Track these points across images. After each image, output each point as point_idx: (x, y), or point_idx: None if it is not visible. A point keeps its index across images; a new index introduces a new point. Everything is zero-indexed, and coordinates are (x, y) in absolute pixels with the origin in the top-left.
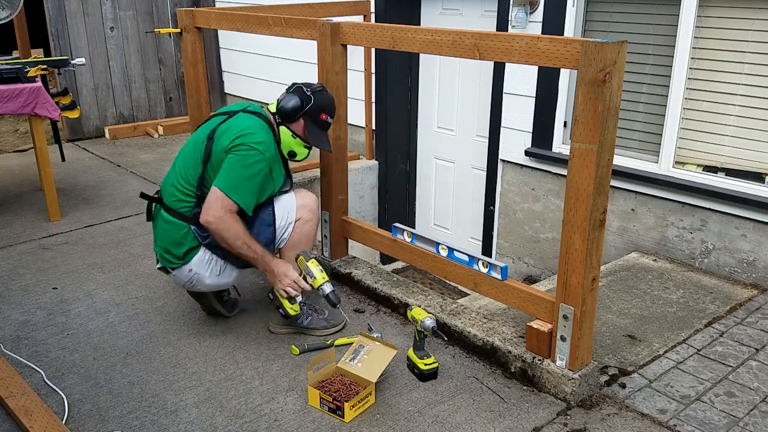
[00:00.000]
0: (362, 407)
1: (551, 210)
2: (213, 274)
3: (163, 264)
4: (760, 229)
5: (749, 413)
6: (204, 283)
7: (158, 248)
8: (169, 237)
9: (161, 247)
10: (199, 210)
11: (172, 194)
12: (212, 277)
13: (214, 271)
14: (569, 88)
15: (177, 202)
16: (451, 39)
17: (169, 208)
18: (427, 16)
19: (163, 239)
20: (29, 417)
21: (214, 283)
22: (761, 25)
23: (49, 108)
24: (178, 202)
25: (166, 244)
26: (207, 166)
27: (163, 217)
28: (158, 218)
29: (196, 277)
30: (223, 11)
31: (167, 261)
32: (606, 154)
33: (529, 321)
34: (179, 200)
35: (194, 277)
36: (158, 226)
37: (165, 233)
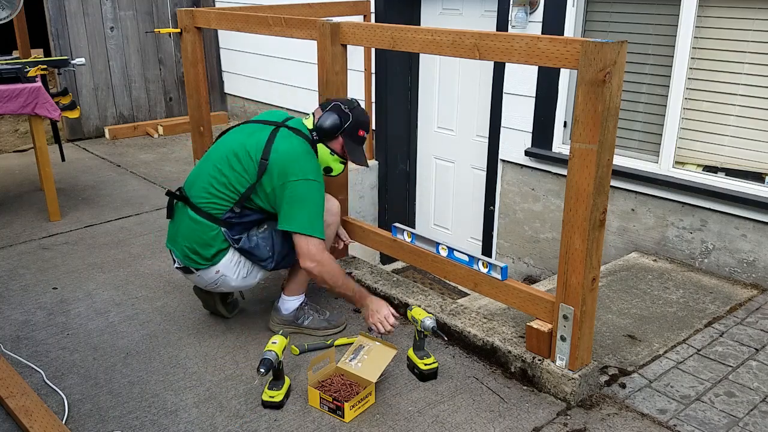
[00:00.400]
0: (362, 407)
1: (551, 210)
2: (240, 276)
3: (187, 264)
4: (760, 229)
5: (749, 413)
6: (229, 285)
7: (181, 248)
8: (197, 237)
9: (186, 247)
10: (233, 215)
11: (204, 195)
12: (238, 279)
13: (241, 273)
14: (569, 88)
15: (209, 204)
16: (451, 39)
17: (198, 208)
18: (427, 16)
19: (189, 239)
20: (29, 417)
21: (239, 285)
22: (761, 25)
23: (49, 108)
24: (210, 204)
25: (193, 244)
26: (262, 180)
27: (191, 216)
28: (183, 217)
29: (223, 279)
30: (223, 11)
31: (192, 261)
32: (606, 154)
33: (529, 321)
34: (212, 202)
35: (220, 279)
36: (183, 224)
37: (192, 233)
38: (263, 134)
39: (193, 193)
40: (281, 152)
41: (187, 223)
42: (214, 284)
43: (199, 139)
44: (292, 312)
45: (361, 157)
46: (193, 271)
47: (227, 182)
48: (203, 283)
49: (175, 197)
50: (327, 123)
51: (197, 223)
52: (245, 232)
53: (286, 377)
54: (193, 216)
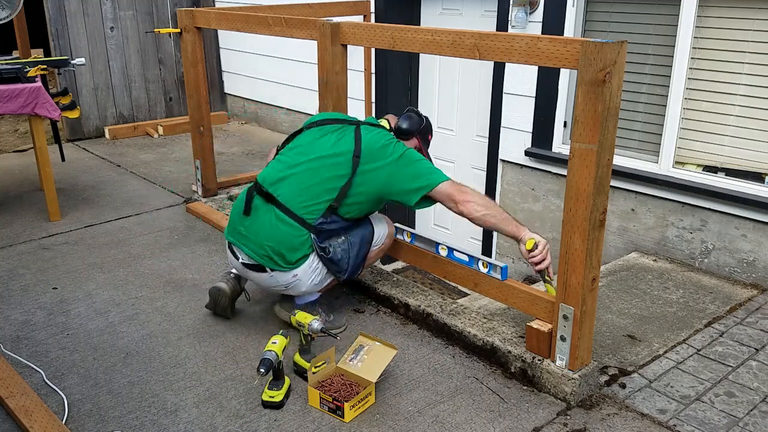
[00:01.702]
0: (362, 407)
1: (551, 210)
2: (312, 283)
3: (265, 263)
4: (760, 229)
5: (749, 413)
6: (300, 289)
7: (263, 246)
8: (286, 240)
9: (270, 247)
10: (325, 220)
11: (298, 199)
12: (310, 285)
13: (314, 280)
14: (569, 88)
15: (304, 207)
16: (451, 39)
17: (289, 210)
18: (427, 16)
19: (276, 240)
20: (29, 417)
21: (308, 290)
22: (761, 25)
23: (49, 108)
24: (306, 208)
25: (280, 246)
26: (354, 179)
27: (279, 217)
28: (268, 216)
29: (296, 283)
30: (223, 11)
31: (272, 262)
32: (606, 154)
33: (529, 321)
34: (306, 206)
35: (293, 283)
36: (267, 224)
37: (281, 235)
38: (349, 133)
39: (282, 193)
40: (371, 137)
41: (275, 223)
42: (284, 287)
43: (199, 139)
44: (304, 304)
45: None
46: (266, 271)
47: (323, 182)
48: (270, 284)
49: (260, 193)
50: (407, 123)
51: (289, 226)
52: (328, 241)
53: (286, 377)
54: (282, 217)
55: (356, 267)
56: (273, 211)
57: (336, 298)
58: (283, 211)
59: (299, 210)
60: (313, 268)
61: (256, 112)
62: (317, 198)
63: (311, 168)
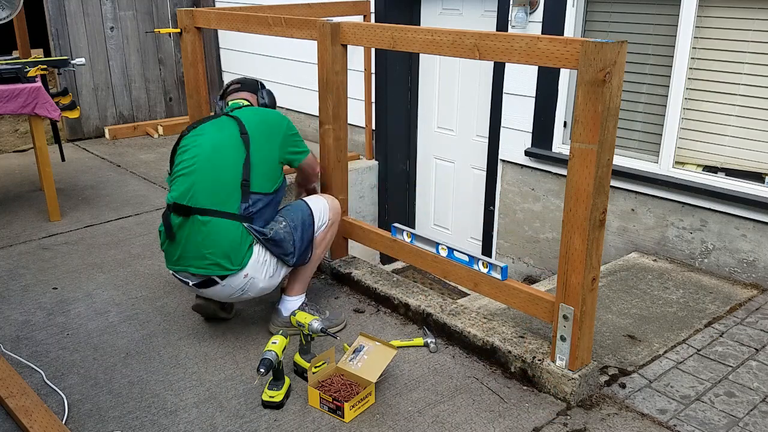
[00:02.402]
0: (362, 407)
1: (551, 210)
2: (267, 276)
3: (214, 273)
4: (760, 229)
5: (749, 413)
6: (257, 287)
7: (204, 258)
8: (221, 240)
9: (210, 254)
10: (247, 203)
11: (212, 198)
12: (266, 280)
13: (267, 272)
14: (569, 88)
15: (222, 202)
16: (451, 39)
17: (211, 210)
18: (427, 16)
19: (213, 245)
20: (29, 417)
21: (266, 286)
22: (761, 25)
23: (49, 108)
24: (223, 202)
25: (220, 249)
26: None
27: (205, 222)
28: (196, 229)
29: (251, 282)
30: (223, 11)
31: (221, 268)
32: (606, 154)
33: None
34: (222, 200)
35: (249, 283)
36: (199, 236)
37: (215, 237)
38: (225, 120)
39: (195, 198)
40: (250, 114)
41: (203, 230)
42: (241, 291)
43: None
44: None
45: None
46: (218, 282)
47: (226, 168)
48: (227, 293)
49: (176, 212)
50: (271, 98)
51: (217, 225)
52: (267, 227)
53: (286, 377)
54: (207, 220)
55: (303, 250)
56: (196, 221)
57: (336, 298)
58: (205, 214)
59: (219, 205)
60: (262, 261)
61: None
62: (228, 186)
63: (210, 162)
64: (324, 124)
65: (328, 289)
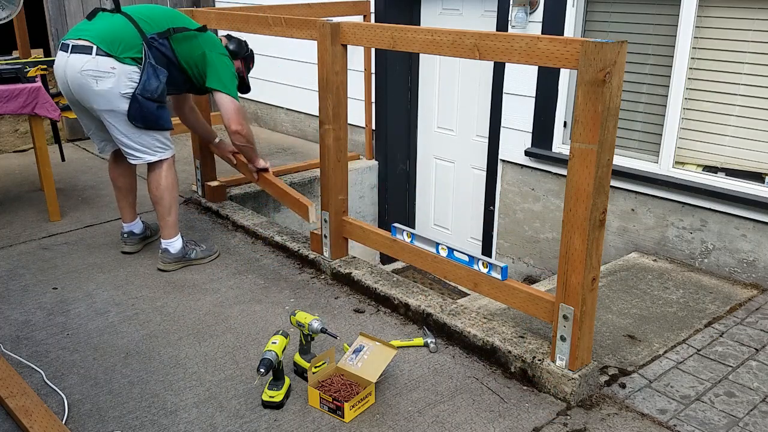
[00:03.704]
0: (362, 407)
1: (551, 210)
2: (118, 89)
3: (97, 43)
4: (760, 229)
5: (749, 413)
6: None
7: (101, 34)
8: (123, 36)
9: (109, 35)
10: (158, 39)
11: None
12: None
13: (122, 87)
14: (569, 88)
15: (145, 22)
16: (451, 39)
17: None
18: (427, 16)
19: (115, 33)
20: (29, 417)
21: (109, 95)
22: (761, 25)
23: (49, 108)
24: (147, 23)
25: (117, 38)
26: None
27: (122, 21)
28: (115, 19)
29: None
30: (223, 11)
31: (105, 45)
32: (606, 154)
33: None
34: (149, 22)
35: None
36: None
37: (120, 31)
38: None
39: (131, 10)
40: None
41: (118, 23)
42: (95, 77)
43: (199, 139)
44: (180, 250)
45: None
46: (91, 53)
47: (166, 14)
48: (86, 68)
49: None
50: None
51: (129, 29)
52: (155, 66)
53: (286, 377)
54: (124, 21)
55: (145, 114)
56: (119, 17)
57: (336, 298)
58: (128, 19)
59: (140, 22)
60: (130, 75)
61: (256, 112)
62: (158, 20)
63: (159, 7)
64: (324, 124)
65: (328, 289)
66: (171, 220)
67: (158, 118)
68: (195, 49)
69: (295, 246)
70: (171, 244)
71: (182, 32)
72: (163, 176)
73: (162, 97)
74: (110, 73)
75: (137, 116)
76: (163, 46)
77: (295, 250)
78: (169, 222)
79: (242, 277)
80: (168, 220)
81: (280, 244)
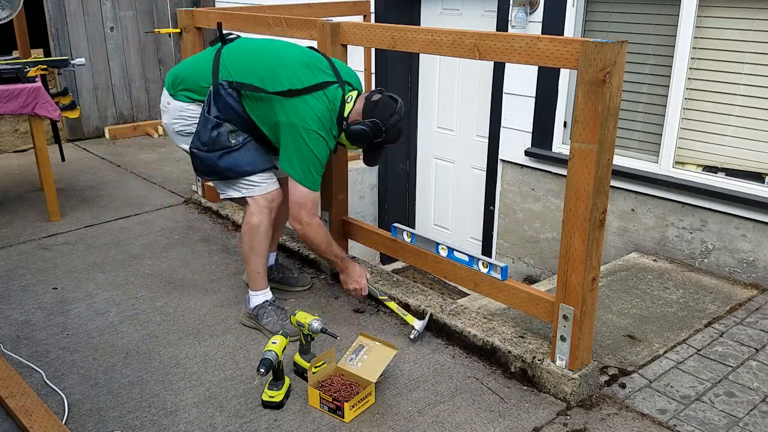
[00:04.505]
0: (362, 407)
1: (551, 210)
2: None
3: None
4: (760, 229)
5: (749, 413)
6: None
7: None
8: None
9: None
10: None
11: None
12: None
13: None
14: (569, 88)
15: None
16: (451, 39)
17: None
18: (427, 16)
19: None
20: (29, 417)
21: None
22: (761, 25)
23: (49, 108)
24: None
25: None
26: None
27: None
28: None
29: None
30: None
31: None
32: (606, 154)
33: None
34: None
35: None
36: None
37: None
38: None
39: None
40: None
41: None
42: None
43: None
44: (254, 308)
45: (376, 162)
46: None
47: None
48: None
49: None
50: (355, 131)
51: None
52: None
53: (286, 377)
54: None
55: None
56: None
57: (336, 298)
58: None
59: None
60: (183, 112)
61: None
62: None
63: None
64: None
65: (328, 289)
66: (250, 269)
67: (229, 167)
68: (269, 113)
69: (295, 246)
70: (250, 296)
71: (252, 90)
72: (246, 217)
73: (221, 143)
74: (165, 108)
75: (204, 171)
76: (230, 97)
77: (295, 249)
78: (249, 271)
79: (242, 277)
80: (247, 268)
81: (280, 243)
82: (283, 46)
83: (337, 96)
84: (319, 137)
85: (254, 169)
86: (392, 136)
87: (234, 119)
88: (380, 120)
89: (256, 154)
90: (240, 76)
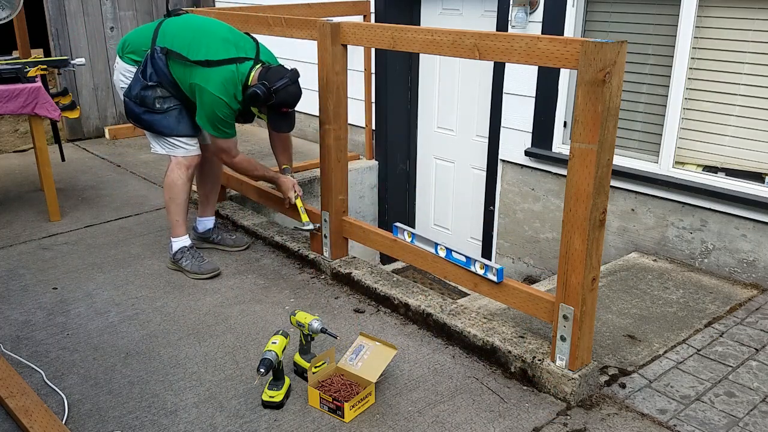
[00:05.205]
0: (362, 407)
1: (551, 210)
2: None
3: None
4: (760, 229)
5: (749, 413)
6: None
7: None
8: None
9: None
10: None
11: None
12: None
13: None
14: (569, 88)
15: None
16: (451, 39)
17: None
18: (427, 16)
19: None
20: (29, 417)
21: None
22: (761, 25)
23: (49, 108)
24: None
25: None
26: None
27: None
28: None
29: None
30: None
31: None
32: (606, 154)
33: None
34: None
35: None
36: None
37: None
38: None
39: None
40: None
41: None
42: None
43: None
44: (174, 253)
45: (282, 127)
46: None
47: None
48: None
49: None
50: (248, 93)
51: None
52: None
53: (286, 377)
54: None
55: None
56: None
57: (336, 298)
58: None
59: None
60: (127, 73)
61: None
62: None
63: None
64: (324, 124)
65: (328, 289)
66: (170, 218)
67: (152, 123)
68: (186, 76)
69: (295, 246)
70: (171, 243)
71: (177, 57)
72: (167, 173)
73: (146, 104)
74: (114, 68)
75: (132, 117)
76: (160, 60)
77: (295, 250)
78: (169, 219)
79: (242, 277)
80: (168, 218)
81: (280, 244)
82: (216, 24)
83: (247, 68)
84: (221, 101)
85: (171, 132)
86: (282, 97)
87: (165, 82)
88: (269, 82)
89: (176, 122)
90: (171, 45)
